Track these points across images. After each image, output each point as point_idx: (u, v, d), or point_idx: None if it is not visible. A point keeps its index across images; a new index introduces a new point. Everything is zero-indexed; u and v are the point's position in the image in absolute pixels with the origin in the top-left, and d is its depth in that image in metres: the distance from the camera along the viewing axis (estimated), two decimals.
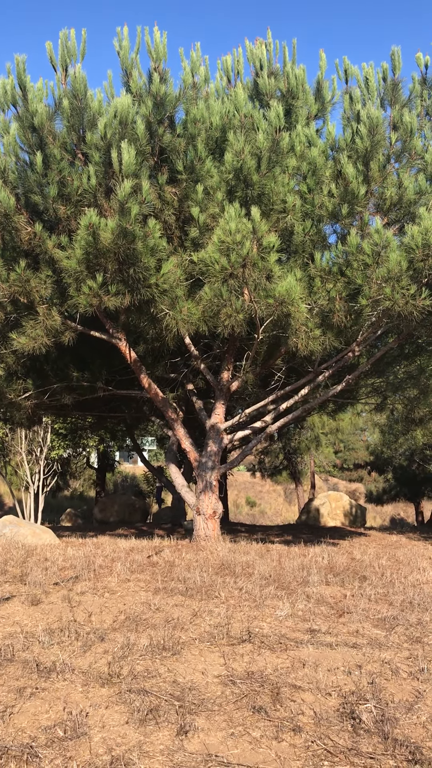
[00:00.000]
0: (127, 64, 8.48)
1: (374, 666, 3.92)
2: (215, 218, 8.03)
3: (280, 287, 7.35)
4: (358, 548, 9.79)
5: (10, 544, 8.07)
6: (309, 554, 7.77)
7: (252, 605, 5.25)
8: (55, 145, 7.79)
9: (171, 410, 10.09)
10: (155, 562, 7.04)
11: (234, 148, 7.86)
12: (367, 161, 8.25)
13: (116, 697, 3.49)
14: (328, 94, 9.41)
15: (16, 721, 3.23)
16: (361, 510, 19.85)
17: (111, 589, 5.76)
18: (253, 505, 43.29)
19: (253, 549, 8.21)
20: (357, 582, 6.19)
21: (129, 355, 9.26)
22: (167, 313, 7.96)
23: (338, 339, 8.55)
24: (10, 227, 7.70)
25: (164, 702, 3.42)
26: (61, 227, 8.04)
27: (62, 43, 7.89)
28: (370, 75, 9.08)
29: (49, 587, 5.82)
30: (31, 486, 17.50)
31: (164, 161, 8.56)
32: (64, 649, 4.22)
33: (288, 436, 23.86)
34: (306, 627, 4.72)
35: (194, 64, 8.68)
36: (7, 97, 7.76)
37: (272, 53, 9.47)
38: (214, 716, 3.28)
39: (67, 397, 10.65)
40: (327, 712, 3.31)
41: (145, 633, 4.51)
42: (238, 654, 4.14)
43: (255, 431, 10.72)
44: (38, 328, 8.23)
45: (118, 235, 7.13)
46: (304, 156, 8.20)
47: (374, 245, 7.53)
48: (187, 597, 5.49)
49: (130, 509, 20.95)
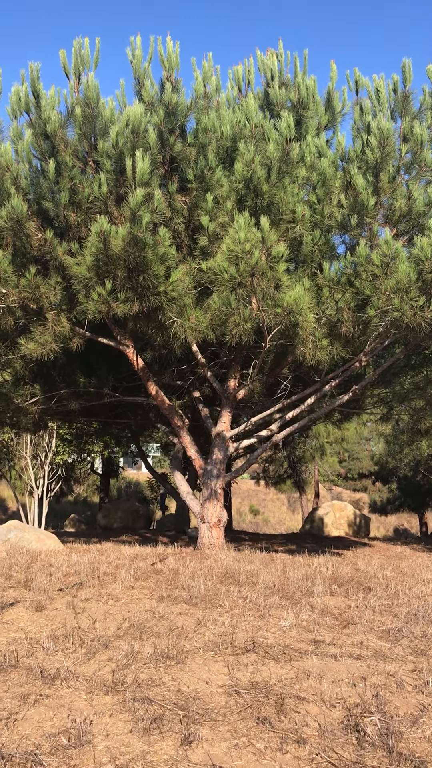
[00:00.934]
0: (139, 73, 8.53)
1: (379, 678, 3.91)
2: (224, 227, 8.06)
3: (289, 297, 7.36)
4: (362, 559, 9.76)
5: (14, 549, 8.08)
6: (313, 564, 7.76)
7: (256, 615, 5.24)
8: (67, 152, 7.83)
9: (177, 417, 10.10)
10: (159, 569, 7.03)
11: (244, 157, 7.89)
12: (377, 172, 8.27)
13: (120, 705, 3.49)
14: (339, 105, 9.44)
15: (20, 728, 3.23)
16: (365, 520, 19.80)
17: (115, 596, 5.76)
18: (257, 513, 43.19)
19: (257, 558, 8.20)
20: (361, 593, 6.17)
21: (136, 362, 9.28)
22: (175, 320, 7.98)
23: (346, 349, 8.56)
24: (21, 233, 7.74)
25: (168, 711, 3.41)
26: (72, 234, 8.08)
27: (76, 52, 7.95)
28: (380, 86, 9.11)
29: (53, 593, 5.83)
30: (35, 491, 17.51)
31: (175, 170, 8.60)
32: (68, 656, 4.22)
33: (293, 444, 23.83)
34: (310, 638, 4.71)
35: (206, 74, 8.73)
36: (20, 104, 7.82)
37: (283, 64, 9.50)
38: (218, 726, 3.27)
39: (73, 403, 10.67)
40: (331, 724, 3.30)
41: (149, 641, 4.51)
42: (242, 664, 4.13)
43: (261, 440, 10.72)
44: (47, 334, 8.26)
45: (128, 242, 7.16)
46: (314, 166, 8.23)
47: (383, 256, 7.54)
48: (192, 605, 5.49)
49: (134, 516, 20.94)
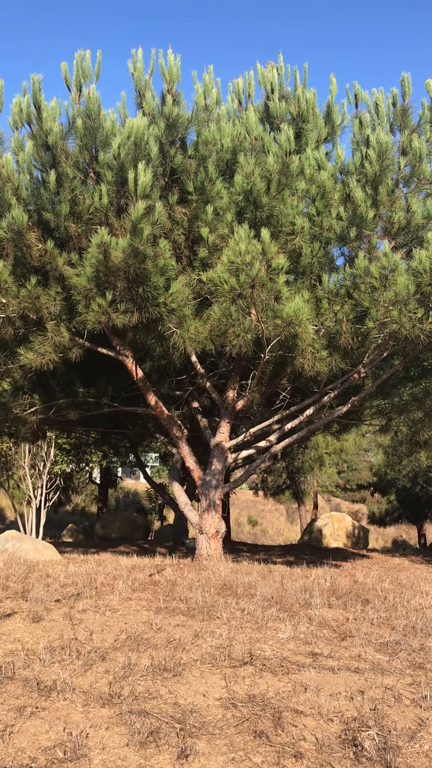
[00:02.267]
0: (140, 85, 8.59)
1: (376, 692, 3.89)
2: (224, 239, 8.10)
3: (288, 308, 7.39)
4: (360, 570, 9.73)
5: (12, 559, 8.06)
6: (311, 576, 7.74)
7: (254, 627, 5.22)
8: (68, 163, 7.88)
9: (176, 428, 10.10)
10: (157, 580, 7.01)
11: (244, 170, 7.94)
12: (376, 185, 8.31)
13: (117, 718, 3.48)
14: (338, 118, 9.51)
15: (16, 741, 3.22)
16: (364, 531, 19.76)
17: (112, 608, 5.75)
18: (255, 524, 43.09)
19: (255, 569, 8.17)
20: (359, 605, 6.16)
21: (135, 372, 9.29)
22: (175, 331, 8.00)
23: (344, 360, 8.58)
24: (22, 244, 7.77)
25: (165, 724, 3.40)
26: (72, 245, 8.11)
27: (77, 64, 8.01)
28: (380, 100, 9.18)
29: (50, 604, 5.81)
30: (33, 500, 17.45)
31: (175, 182, 8.65)
32: (64, 668, 4.20)
33: (291, 455, 23.79)
34: (308, 650, 4.70)
35: (206, 87, 8.79)
36: (22, 115, 7.87)
37: (283, 77, 9.57)
38: (214, 740, 3.26)
39: (72, 413, 10.67)
40: (329, 738, 3.29)
41: (147, 653, 4.49)
42: (239, 676, 4.12)
43: (259, 450, 10.71)
44: (46, 344, 8.28)
45: (129, 254, 7.19)
46: (314, 179, 8.27)
47: (382, 268, 7.57)
48: (189, 617, 5.47)
49: (132, 526, 20.89)
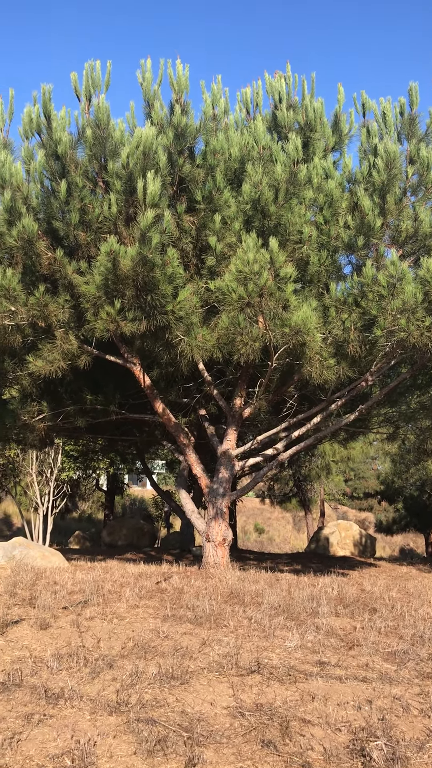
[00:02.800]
0: (149, 95, 8.65)
1: (384, 701, 3.89)
2: (232, 247, 8.13)
3: (296, 317, 7.40)
4: (367, 579, 9.71)
5: (19, 566, 8.08)
6: (319, 584, 7.72)
7: (261, 635, 5.22)
8: (78, 173, 7.93)
9: (183, 435, 10.11)
10: (164, 588, 7.02)
11: (252, 179, 7.98)
12: (384, 194, 8.34)
13: (124, 726, 3.48)
14: (346, 127, 9.54)
15: (24, 749, 3.23)
16: (371, 540, 19.69)
17: (120, 615, 5.76)
18: (262, 532, 42.99)
19: (262, 578, 8.17)
20: (367, 614, 6.14)
21: (143, 379, 9.31)
22: (182, 339, 8.03)
23: (352, 368, 8.58)
24: (31, 252, 7.82)
25: (172, 733, 3.40)
26: (81, 253, 8.16)
27: (87, 74, 8.08)
28: (387, 109, 9.21)
29: (58, 611, 5.82)
30: (40, 507, 17.47)
31: (183, 191, 8.70)
32: (72, 676, 4.21)
33: (298, 463, 23.76)
34: (315, 659, 4.69)
35: (215, 97, 8.85)
36: (32, 125, 7.93)
37: (291, 86, 9.61)
38: (222, 749, 3.26)
39: (80, 420, 10.69)
40: (337, 748, 3.29)
41: (154, 661, 4.50)
42: (246, 685, 4.12)
43: (266, 458, 10.71)
44: (55, 352, 8.32)
45: (137, 262, 7.23)
46: (321, 188, 8.30)
47: (390, 277, 7.58)
48: (196, 625, 5.47)
49: (139, 533, 20.87)
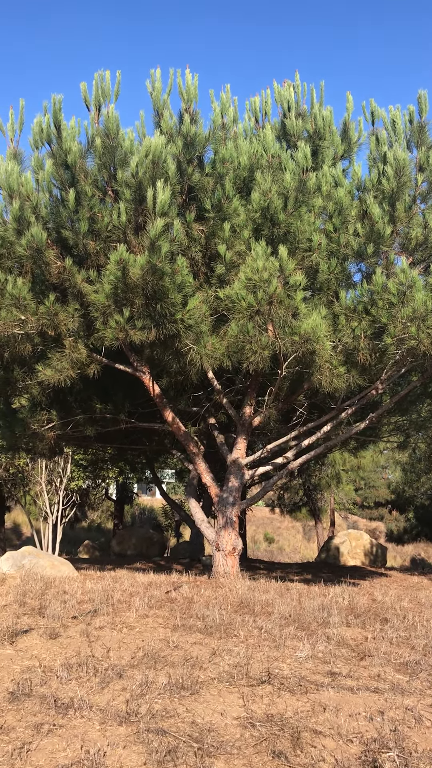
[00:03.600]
0: (158, 104, 8.69)
1: (397, 713, 3.84)
2: (241, 256, 8.13)
3: (306, 325, 7.39)
4: (379, 589, 9.63)
5: (28, 575, 8.06)
6: (329, 594, 7.67)
7: (272, 645, 5.18)
8: (87, 182, 7.96)
9: (192, 444, 10.09)
10: (174, 598, 6.98)
11: (261, 187, 7.99)
12: (393, 202, 8.33)
13: (134, 736, 3.45)
14: (355, 135, 9.55)
15: (33, 759, 3.20)
16: (382, 549, 19.56)
17: (129, 625, 5.73)
18: (272, 541, 42.82)
19: (272, 587, 8.12)
20: (378, 624, 6.09)
21: (153, 388, 9.31)
22: (192, 347, 8.02)
23: (362, 376, 8.55)
24: (41, 261, 7.85)
25: (183, 743, 3.37)
26: (90, 262, 8.18)
27: (96, 84, 8.12)
28: (396, 117, 9.21)
29: (67, 621, 5.80)
30: (49, 516, 17.48)
31: (192, 199, 8.71)
32: (82, 685, 4.18)
33: (308, 472, 23.66)
34: (326, 669, 4.65)
35: (224, 105, 8.87)
36: (42, 134, 7.97)
37: (300, 95, 9.62)
38: (233, 760, 3.23)
39: (89, 429, 10.69)
40: (348, 759, 3.24)
41: (164, 671, 4.46)
42: (257, 695, 4.08)
43: (276, 467, 10.67)
44: (64, 361, 8.33)
45: (147, 271, 7.24)
46: (331, 196, 8.30)
47: (400, 284, 7.56)
48: (206, 635, 5.44)
49: (148, 542, 20.83)
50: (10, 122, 8.40)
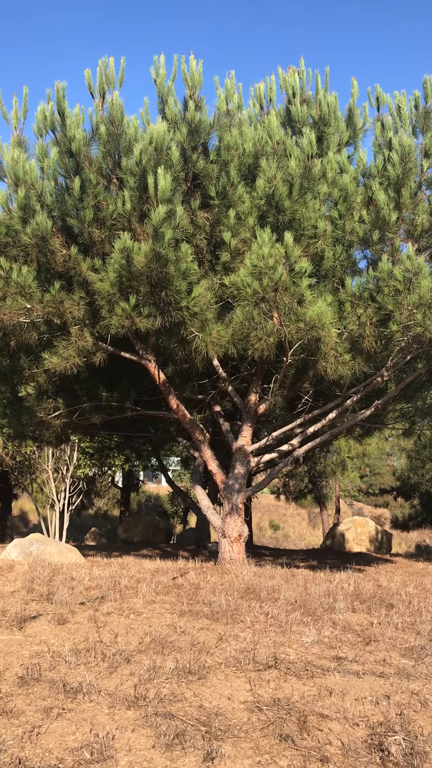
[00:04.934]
0: (163, 91, 8.65)
1: (402, 697, 3.87)
2: (246, 243, 8.11)
3: (311, 312, 7.38)
4: (384, 575, 9.67)
5: (36, 562, 8.12)
6: (335, 580, 7.71)
7: (278, 631, 5.22)
8: (91, 170, 7.95)
9: (198, 432, 10.12)
10: (180, 584, 7.03)
11: (266, 174, 7.95)
12: (399, 188, 8.28)
13: (142, 720, 3.50)
14: (360, 121, 9.49)
15: (44, 742, 3.25)
16: (387, 536, 19.61)
17: (136, 611, 5.77)
18: (277, 528, 43.00)
19: (278, 573, 8.16)
20: (384, 610, 6.12)
21: (158, 376, 9.33)
22: (197, 335, 8.03)
23: (368, 364, 8.55)
24: (46, 250, 7.85)
25: (190, 727, 3.41)
26: (95, 250, 8.18)
27: (101, 71, 8.08)
28: (402, 103, 9.13)
29: (75, 607, 5.85)
30: (56, 504, 17.59)
31: (197, 186, 8.69)
32: (90, 670, 4.23)
33: (313, 459, 23.72)
34: (332, 654, 4.68)
35: (228, 92, 8.82)
36: (46, 122, 7.95)
37: (305, 81, 9.56)
38: (240, 743, 3.26)
39: (95, 417, 10.73)
40: (355, 743, 3.28)
41: (171, 656, 4.51)
42: (264, 680, 4.12)
43: (282, 454, 10.70)
44: (70, 349, 8.35)
45: (151, 258, 7.24)
46: (336, 182, 8.26)
47: (405, 271, 7.54)
48: (213, 620, 5.48)
49: (154, 530, 20.94)
50: (14, 110, 8.37)
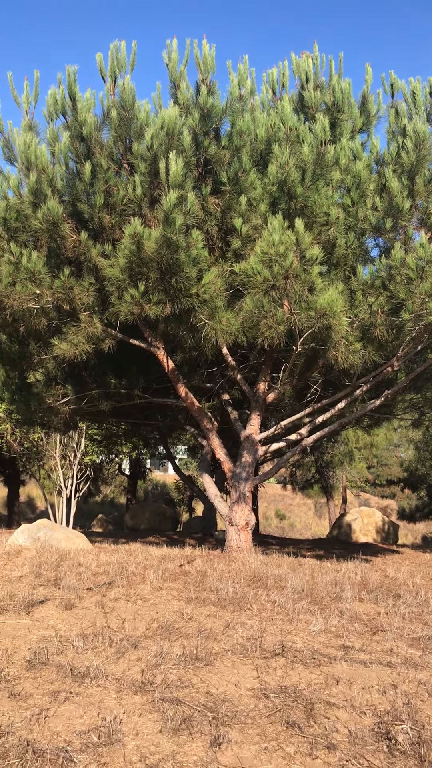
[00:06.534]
0: (175, 76, 8.57)
1: (409, 686, 3.86)
2: (257, 230, 8.05)
3: (322, 300, 7.33)
4: (391, 565, 9.66)
5: (44, 548, 8.15)
6: (342, 570, 7.70)
7: (285, 619, 5.21)
8: (102, 154, 7.89)
9: (206, 420, 10.10)
10: (187, 571, 7.03)
11: (279, 160, 7.88)
12: (413, 175, 8.20)
13: (149, 705, 3.50)
14: (374, 107, 9.39)
15: (51, 725, 3.25)
16: (394, 527, 19.60)
17: (144, 597, 5.78)
18: (283, 518, 43.04)
19: (285, 562, 8.16)
20: (391, 600, 6.10)
21: (167, 364, 9.30)
22: (206, 323, 7.99)
23: (378, 353, 8.49)
24: (56, 235, 7.82)
25: (197, 713, 3.41)
26: (106, 236, 8.14)
27: (112, 55, 8.01)
28: (417, 89, 9.03)
29: (82, 592, 5.86)
30: (63, 490, 17.65)
31: (208, 172, 8.63)
32: (97, 655, 4.24)
33: (321, 449, 23.70)
34: (339, 643, 4.67)
35: (241, 77, 8.73)
36: (57, 106, 7.90)
37: (318, 66, 9.46)
38: (247, 729, 3.26)
39: (104, 404, 10.73)
40: (362, 731, 3.27)
41: (178, 642, 4.51)
42: (270, 667, 4.11)
43: (290, 444, 10.67)
44: (80, 335, 8.32)
45: (161, 244, 7.19)
46: (349, 169, 8.18)
47: (418, 260, 7.47)
48: (220, 608, 5.48)
49: (161, 517, 21.01)
50: (25, 94, 8.32)
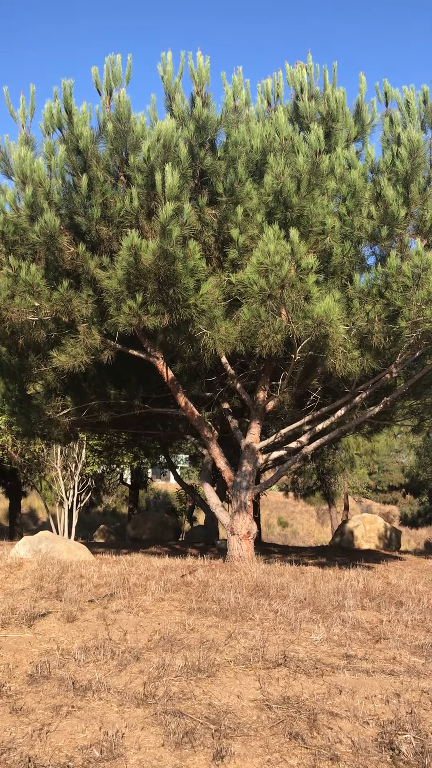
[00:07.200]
0: (170, 88, 8.62)
1: (413, 695, 3.85)
2: (254, 240, 8.08)
3: (319, 308, 7.35)
4: (393, 572, 9.64)
5: (45, 560, 8.14)
6: (344, 578, 7.69)
7: (287, 628, 5.21)
8: (99, 167, 7.93)
9: (206, 429, 10.11)
10: (189, 581, 7.03)
11: (274, 170, 7.92)
12: (408, 183, 8.23)
13: (152, 718, 3.49)
14: (368, 116, 9.44)
15: (53, 740, 3.25)
16: (396, 533, 19.55)
17: (145, 608, 5.77)
18: (285, 525, 42.97)
19: (287, 571, 8.15)
20: (393, 607, 6.10)
21: (166, 373, 9.32)
22: (205, 332, 8.00)
23: (376, 360, 8.51)
24: (54, 248, 7.85)
25: (200, 725, 3.41)
26: (103, 248, 8.17)
27: (107, 68, 8.06)
28: (410, 98, 9.07)
29: (84, 604, 5.86)
30: (65, 501, 17.64)
31: (205, 183, 8.66)
32: (99, 668, 4.23)
33: (322, 456, 23.68)
34: (342, 652, 4.67)
35: (236, 88, 8.78)
36: (53, 120, 7.94)
37: (312, 76, 9.52)
38: (250, 741, 3.26)
39: (104, 414, 10.73)
40: (365, 741, 3.27)
41: (180, 654, 4.50)
42: (273, 678, 4.11)
43: (290, 451, 10.67)
44: (78, 347, 8.35)
45: (158, 256, 7.22)
46: (344, 178, 8.22)
47: (414, 267, 7.50)
48: (222, 618, 5.47)
49: (163, 527, 20.96)
50: (21, 108, 8.37)
